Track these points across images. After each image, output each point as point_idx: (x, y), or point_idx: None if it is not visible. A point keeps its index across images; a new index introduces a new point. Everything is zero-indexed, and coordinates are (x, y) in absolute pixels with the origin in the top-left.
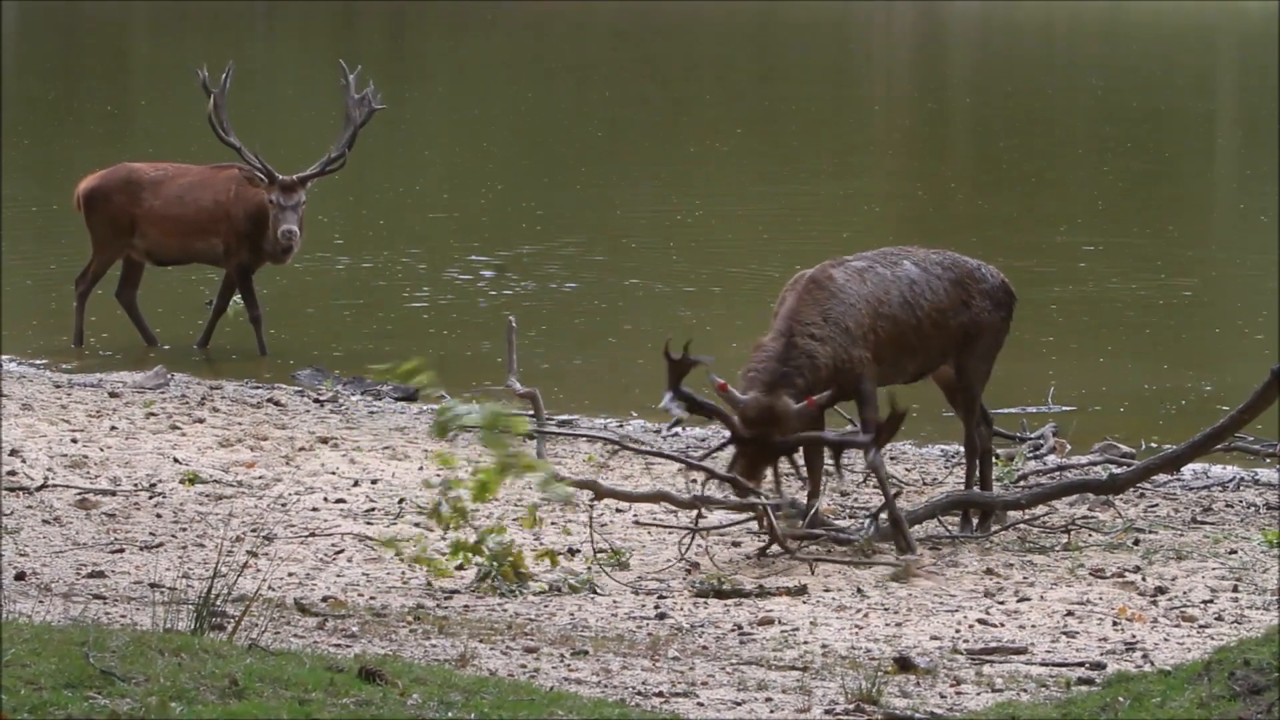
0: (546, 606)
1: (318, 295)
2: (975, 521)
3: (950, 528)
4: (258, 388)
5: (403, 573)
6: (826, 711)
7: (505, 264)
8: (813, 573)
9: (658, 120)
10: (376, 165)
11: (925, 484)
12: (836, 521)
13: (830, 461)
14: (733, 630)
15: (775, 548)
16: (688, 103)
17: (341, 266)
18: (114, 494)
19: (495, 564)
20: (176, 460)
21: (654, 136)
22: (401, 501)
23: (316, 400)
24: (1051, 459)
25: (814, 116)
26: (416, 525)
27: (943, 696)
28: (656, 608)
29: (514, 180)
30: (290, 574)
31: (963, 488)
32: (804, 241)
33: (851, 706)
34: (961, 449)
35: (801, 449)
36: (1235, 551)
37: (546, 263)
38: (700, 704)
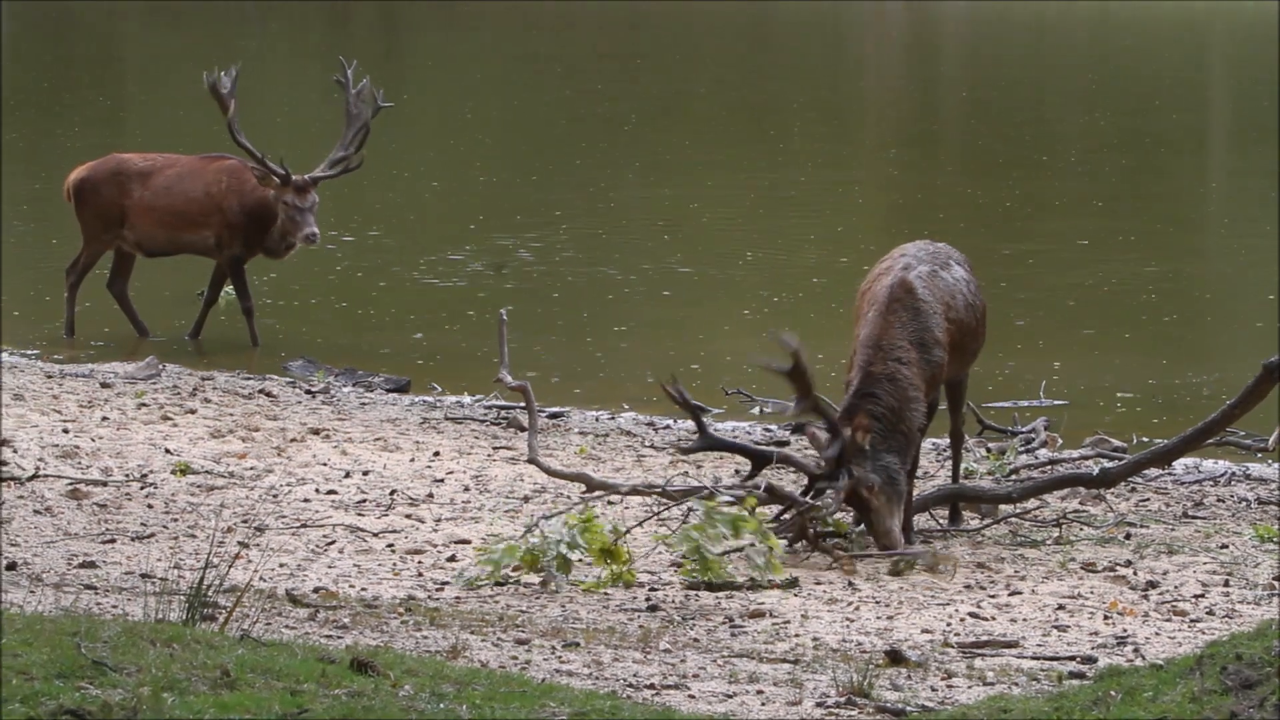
0: (538, 598)
1: (310, 286)
2: (966, 514)
3: (940, 521)
4: (249, 378)
5: (394, 564)
6: (818, 704)
7: (503, 261)
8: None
9: (650, 113)
10: (369, 158)
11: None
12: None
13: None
14: (724, 623)
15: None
16: (680, 96)
17: (334, 258)
18: (105, 484)
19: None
20: (168, 451)
21: (646, 130)
22: (393, 494)
23: (308, 391)
24: (1043, 453)
25: (806, 109)
26: (408, 518)
27: (934, 690)
28: (648, 600)
29: (506, 173)
30: (282, 565)
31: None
32: (798, 232)
33: (843, 699)
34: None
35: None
36: (1226, 546)
37: (539, 254)
38: (691, 696)
